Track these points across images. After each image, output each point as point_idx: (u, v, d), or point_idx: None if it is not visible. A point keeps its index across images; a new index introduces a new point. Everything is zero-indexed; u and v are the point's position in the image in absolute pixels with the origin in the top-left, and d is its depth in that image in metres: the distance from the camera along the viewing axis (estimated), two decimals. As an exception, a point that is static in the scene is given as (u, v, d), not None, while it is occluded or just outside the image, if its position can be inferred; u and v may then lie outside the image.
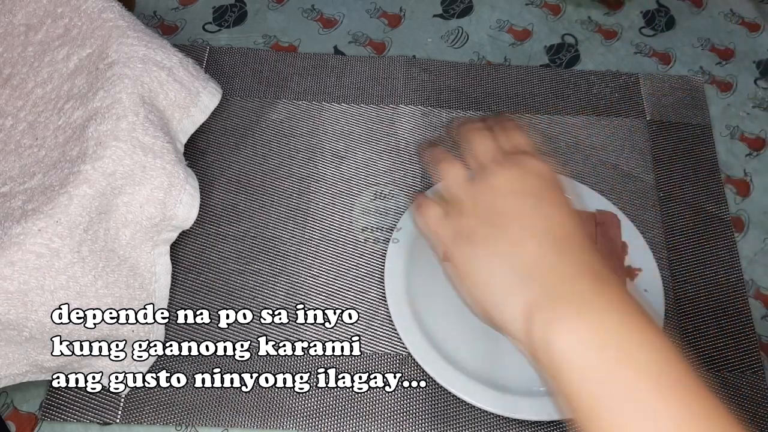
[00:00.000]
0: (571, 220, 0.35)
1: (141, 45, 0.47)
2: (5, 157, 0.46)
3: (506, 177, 0.37)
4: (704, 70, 0.63)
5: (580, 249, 0.34)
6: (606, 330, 0.30)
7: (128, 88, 0.45)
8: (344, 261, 0.52)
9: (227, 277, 0.51)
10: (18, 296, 0.39)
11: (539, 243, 0.34)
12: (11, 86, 0.48)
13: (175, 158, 0.46)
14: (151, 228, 0.45)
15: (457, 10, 0.65)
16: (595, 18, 0.65)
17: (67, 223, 0.40)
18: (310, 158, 0.56)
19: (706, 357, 0.49)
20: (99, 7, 0.48)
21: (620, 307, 0.32)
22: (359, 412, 0.46)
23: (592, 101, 0.60)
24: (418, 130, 0.58)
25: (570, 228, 0.35)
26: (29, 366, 0.42)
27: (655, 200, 0.55)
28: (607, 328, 0.31)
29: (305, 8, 0.65)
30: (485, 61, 0.62)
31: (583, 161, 0.57)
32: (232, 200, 0.54)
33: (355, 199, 0.55)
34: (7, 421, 0.46)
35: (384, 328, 0.49)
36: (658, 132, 0.59)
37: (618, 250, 0.50)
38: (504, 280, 0.34)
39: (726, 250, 0.53)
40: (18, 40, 0.50)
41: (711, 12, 0.66)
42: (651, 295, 0.49)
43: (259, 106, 0.58)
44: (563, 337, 0.30)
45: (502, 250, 0.34)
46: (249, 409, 0.46)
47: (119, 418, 0.46)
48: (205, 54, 0.60)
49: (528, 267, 0.33)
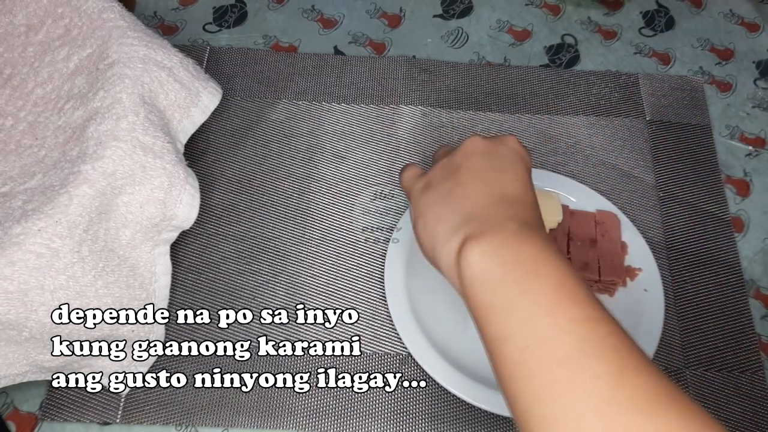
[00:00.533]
0: (525, 190, 0.38)
1: (141, 45, 0.47)
2: (5, 157, 0.46)
3: (480, 141, 0.40)
4: (704, 70, 0.63)
5: (523, 208, 0.37)
6: (511, 250, 0.34)
7: (128, 88, 0.45)
8: (344, 261, 0.52)
9: (227, 277, 0.51)
10: (18, 296, 0.39)
11: (488, 196, 0.37)
12: (11, 86, 0.48)
13: (175, 158, 0.46)
14: (151, 228, 0.45)
15: (457, 10, 0.65)
16: (594, 18, 0.65)
17: (67, 223, 0.40)
18: (310, 158, 0.56)
19: (706, 357, 0.49)
20: (99, 7, 0.48)
21: (534, 244, 0.34)
22: (359, 412, 0.46)
23: (591, 101, 0.60)
24: (418, 130, 0.58)
25: (521, 194, 0.38)
26: (29, 366, 0.42)
27: (655, 200, 0.55)
28: (513, 250, 0.34)
29: (305, 8, 0.65)
30: (485, 61, 0.62)
31: (583, 161, 0.57)
32: (232, 200, 0.54)
33: (355, 199, 0.55)
34: (7, 421, 0.46)
35: (384, 328, 0.49)
36: (658, 132, 0.59)
37: (618, 250, 0.50)
38: (447, 222, 0.37)
39: (726, 250, 0.53)
40: (18, 41, 0.50)
41: (711, 12, 0.66)
42: (651, 295, 0.49)
43: (259, 106, 0.58)
44: (472, 251, 0.34)
45: (453, 198, 0.38)
46: (249, 409, 0.46)
47: (119, 418, 0.46)
48: (205, 54, 0.60)
49: (471, 211, 0.37)
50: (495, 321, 0.33)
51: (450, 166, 0.40)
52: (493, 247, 0.34)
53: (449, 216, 0.37)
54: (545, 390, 0.30)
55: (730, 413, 0.47)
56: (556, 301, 0.32)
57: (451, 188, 0.38)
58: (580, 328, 0.31)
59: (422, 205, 0.39)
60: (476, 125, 0.58)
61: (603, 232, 0.51)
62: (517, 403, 0.31)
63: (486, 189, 0.38)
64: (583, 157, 0.57)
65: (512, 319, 0.32)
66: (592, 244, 0.50)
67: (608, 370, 0.29)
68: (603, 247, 0.50)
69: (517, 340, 0.31)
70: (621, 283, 0.50)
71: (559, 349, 0.30)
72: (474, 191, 0.38)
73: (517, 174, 0.39)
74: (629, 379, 0.29)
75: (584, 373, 0.29)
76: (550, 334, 0.31)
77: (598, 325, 0.31)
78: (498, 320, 0.33)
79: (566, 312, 0.31)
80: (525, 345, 0.31)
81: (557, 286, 0.32)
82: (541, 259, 0.33)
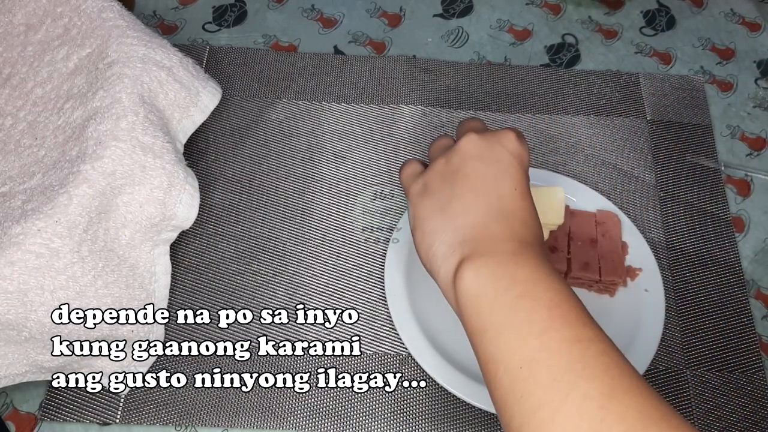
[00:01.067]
0: (523, 200, 0.38)
1: (141, 44, 0.47)
2: (5, 156, 0.46)
3: (477, 143, 0.39)
4: (705, 69, 0.63)
5: (521, 223, 0.37)
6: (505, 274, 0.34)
7: (128, 88, 0.44)
8: (344, 261, 0.52)
9: (227, 277, 0.51)
10: (17, 296, 0.39)
11: (486, 211, 0.37)
12: (11, 86, 0.48)
13: (175, 158, 0.46)
14: (150, 228, 0.45)
15: (457, 9, 0.65)
16: (595, 18, 0.65)
17: (66, 222, 0.40)
18: (310, 158, 0.56)
19: (707, 357, 0.49)
20: (99, 6, 0.48)
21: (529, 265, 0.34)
22: (359, 412, 0.46)
23: (592, 101, 0.60)
24: (418, 130, 0.58)
25: (518, 206, 0.38)
26: (29, 366, 0.42)
27: (655, 200, 0.55)
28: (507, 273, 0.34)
29: (305, 8, 0.65)
30: (485, 60, 0.62)
31: (584, 161, 0.57)
32: (232, 200, 0.54)
33: (355, 199, 0.54)
34: (6, 421, 0.46)
35: (384, 328, 0.49)
36: (658, 132, 0.58)
37: (618, 250, 0.50)
38: (445, 241, 0.37)
39: (726, 250, 0.53)
40: (18, 40, 0.50)
41: (711, 12, 0.66)
42: (651, 295, 0.49)
43: (259, 106, 0.58)
44: (468, 274, 0.34)
45: (452, 211, 0.38)
46: (249, 409, 0.46)
47: (119, 418, 0.46)
48: (205, 54, 0.60)
49: (469, 231, 0.36)
50: (488, 344, 0.33)
51: (447, 170, 0.39)
52: (488, 271, 0.34)
53: (447, 233, 0.37)
54: (535, 413, 0.30)
55: (731, 413, 0.47)
56: (548, 323, 0.32)
57: (449, 199, 0.38)
58: (571, 349, 0.31)
59: (420, 212, 0.39)
60: (476, 125, 0.58)
61: (603, 232, 0.51)
62: (510, 427, 0.31)
63: (483, 203, 0.37)
64: (584, 157, 0.57)
65: (504, 341, 0.32)
66: (593, 244, 0.50)
67: (599, 391, 0.29)
68: (603, 247, 0.50)
69: (508, 362, 0.32)
70: (621, 283, 0.50)
71: (549, 371, 0.30)
72: (471, 205, 0.37)
73: (514, 181, 0.38)
74: (620, 399, 0.29)
75: (574, 394, 0.29)
76: (540, 356, 0.31)
77: (590, 345, 0.31)
78: (490, 343, 0.33)
79: (558, 333, 0.31)
80: (516, 367, 0.31)
81: (551, 307, 0.32)
82: (535, 280, 0.34)
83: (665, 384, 0.48)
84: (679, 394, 0.48)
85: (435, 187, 0.39)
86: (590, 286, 0.50)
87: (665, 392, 0.47)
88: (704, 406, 0.47)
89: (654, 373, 0.48)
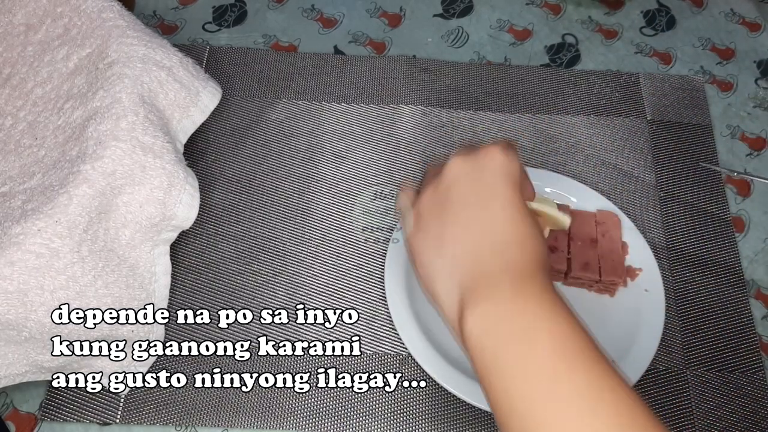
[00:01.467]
0: (514, 221, 0.37)
1: (141, 44, 0.47)
2: (5, 156, 0.46)
3: (461, 166, 0.39)
4: (705, 69, 0.63)
5: (516, 246, 0.37)
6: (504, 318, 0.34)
7: (128, 88, 0.44)
8: (344, 261, 0.52)
9: (227, 277, 0.51)
10: (17, 296, 0.39)
11: (477, 244, 0.37)
12: (11, 86, 0.48)
13: (175, 158, 0.46)
14: (150, 228, 0.45)
15: (457, 9, 0.65)
16: (595, 18, 0.65)
17: (66, 223, 0.40)
18: (310, 158, 0.56)
19: (707, 357, 0.49)
20: (99, 6, 0.48)
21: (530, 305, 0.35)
22: (359, 412, 0.46)
23: (592, 101, 0.60)
24: (418, 130, 0.58)
25: (512, 229, 0.37)
26: (29, 366, 0.42)
27: (655, 200, 0.55)
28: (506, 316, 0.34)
29: (305, 8, 0.64)
30: (485, 60, 0.62)
31: (584, 161, 0.57)
32: (232, 200, 0.54)
33: (355, 199, 0.54)
34: (6, 421, 0.46)
35: (384, 328, 0.49)
36: (658, 132, 0.58)
37: (618, 250, 0.50)
38: (444, 277, 0.37)
39: (726, 250, 0.53)
40: (18, 40, 0.50)
41: (711, 12, 0.66)
42: (651, 295, 0.49)
43: (259, 106, 0.58)
44: (471, 320, 0.35)
45: (445, 248, 0.38)
46: (249, 409, 0.46)
47: (119, 418, 0.46)
48: (205, 54, 0.60)
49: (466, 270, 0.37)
50: (495, 392, 0.34)
51: (435, 198, 0.39)
52: (488, 323, 0.34)
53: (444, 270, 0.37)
54: None
55: (731, 413, 0.47)
56: (553, 374, 0.32)
57: (440, 233, 0.38)
58: (581, 399, 0.31)
59: (415, 248, 0.39)
60: (476, 125, 0.58)
61: (603, 232, 0.51)
62: None
63: (472, 234, 0.37)
64: (584, 157, 0.57)
65: (513, 388, 0.33)
66: (593, 244, 0.50)
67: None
68: (603, 247, 0.50)
69: (518, 413, 0.32)
70: (621, 283, 0.50)
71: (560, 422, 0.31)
72: (461, 238, 0.37)
73: (503, 199, 0.37)
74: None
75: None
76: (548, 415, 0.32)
77: (601, 393, 0.32)
78: (497, 390, 0.33)
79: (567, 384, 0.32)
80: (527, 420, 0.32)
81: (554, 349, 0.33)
82: (536, 328, 0.34)
83: (665, 384, 0.48)
84: (679, 394, 0.47)
85: (426, 218, 0.39)
86: (590, 286, 0.50)
87: (665, 392, 0.47)
88: (704, 406, 0.47)
89: (654, 373, 0.48)
